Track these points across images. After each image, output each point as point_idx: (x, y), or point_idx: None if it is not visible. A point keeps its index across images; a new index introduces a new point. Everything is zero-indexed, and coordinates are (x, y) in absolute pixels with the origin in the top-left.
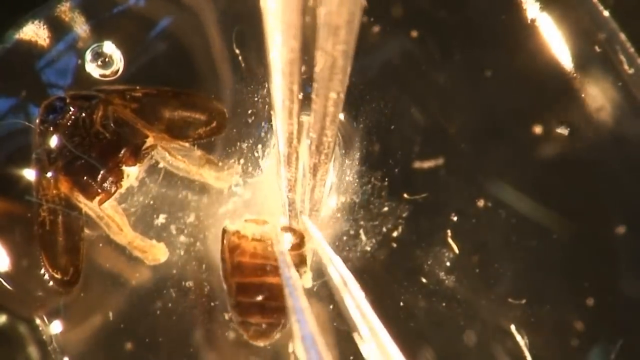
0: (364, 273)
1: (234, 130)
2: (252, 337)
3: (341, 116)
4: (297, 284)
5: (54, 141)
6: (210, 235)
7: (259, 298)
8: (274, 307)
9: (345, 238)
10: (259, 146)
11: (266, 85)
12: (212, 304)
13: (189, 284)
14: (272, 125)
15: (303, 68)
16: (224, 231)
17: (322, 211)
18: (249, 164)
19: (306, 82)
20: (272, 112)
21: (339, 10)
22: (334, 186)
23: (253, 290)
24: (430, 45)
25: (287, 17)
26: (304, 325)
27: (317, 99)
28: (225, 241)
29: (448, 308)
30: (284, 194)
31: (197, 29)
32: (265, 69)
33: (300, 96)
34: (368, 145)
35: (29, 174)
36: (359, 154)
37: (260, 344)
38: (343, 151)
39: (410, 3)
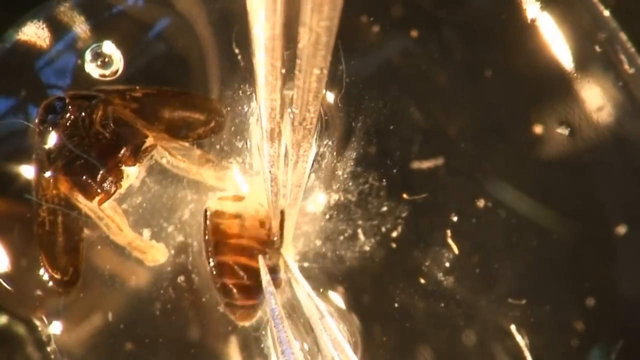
0: (363, 273)
1: (233, 129)
2: (239, 319)
3: (340, 115)
4: (282, 315)
5: (53, 141)
6: None
7: (241, 278)
8: (255, 285)
9: (343, 238)
10: (259, 145)
11: None
12: (210, 298)
13: (188, 280)
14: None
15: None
16: (206, 212)
17: (304, 187)
18: (248, 162)
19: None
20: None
21: None
22: (332, 185)
23: (235, 270)
24: (430, 45)
25: None
26: (290, 357)
27: (300, 75)
28: (207, 222)
29: (448, 308)
30: (267, 169)
31: (197, 28)
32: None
33: (283, 71)
34: (367, 145)
35: (29, 173)
36: (357, 153)
37: (246, 324)
38: (342, 151)
39: (410, 3)
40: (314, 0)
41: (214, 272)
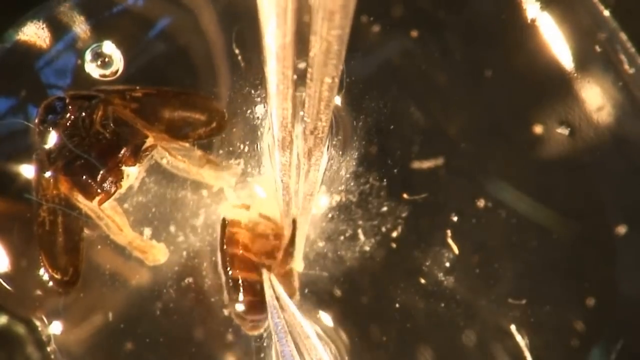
0: (363, 273)
1: (234, 130)
2: (249, 330)
3: (341, 115)
4: (286, 329)
5: (53, 141)
6: (209, 233)
7: (252, 294)
8: (263, 301)
9: (343, 238)
10: (259, 145)
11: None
12: (212, 299)
13: (189, 280)
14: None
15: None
16: (224, 221)
17: (316, 196)
18: (249, 164)
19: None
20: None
21: None
22: (333, 186)
23: (245, 286)
24: (430, 45)
25: (282, 0)
26: None
27: (312, 84)
28: (224, 232)
29: (448, 308)
30: (278, 178)
31: (197, 28)
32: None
33: (295, 77)
34: (367, 145)
35: (29, 173)
36: (358, 153)
37: (255, 333)
38: (342, 151)
39: (410, 3)
40: (325, 9)
41: (231, 287)
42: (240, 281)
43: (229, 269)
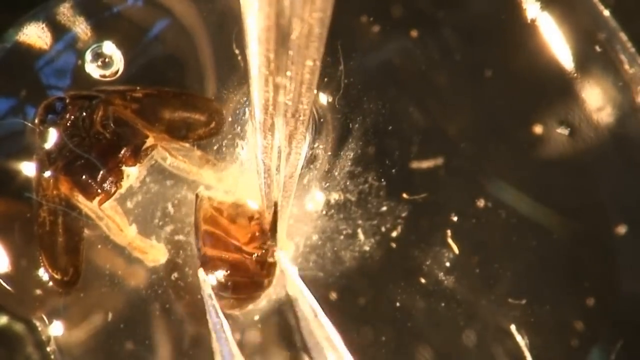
0: (363, 273)
1: (234, 130)
2: (225, 307)
3: (339, 115)
4: (226, 329)
5: (53, 141)
6: None
7: (229, 274)
8: (244, 283)
9: (342, 237)
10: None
11: None
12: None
13: (189, 280)
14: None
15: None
16: (198, 197)
17: (297, 179)
18: (249, 164)
19: None
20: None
21: None
22: (331, 185)
23: (223, 265)
24: (430, 46)
25: None
26: None
27: (294, 67)
28: (200, 209)
29: (448, 308)
30: (260, 161)
31: (197, 29)
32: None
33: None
34: (366, 146)
35: (29, 174)
36: (357, 153)
37: (234, 313)
38: (341, 151)
39: (410, 3)
40: None
41: (205, 263)
42: (210, 259)
43: (200, 246)
